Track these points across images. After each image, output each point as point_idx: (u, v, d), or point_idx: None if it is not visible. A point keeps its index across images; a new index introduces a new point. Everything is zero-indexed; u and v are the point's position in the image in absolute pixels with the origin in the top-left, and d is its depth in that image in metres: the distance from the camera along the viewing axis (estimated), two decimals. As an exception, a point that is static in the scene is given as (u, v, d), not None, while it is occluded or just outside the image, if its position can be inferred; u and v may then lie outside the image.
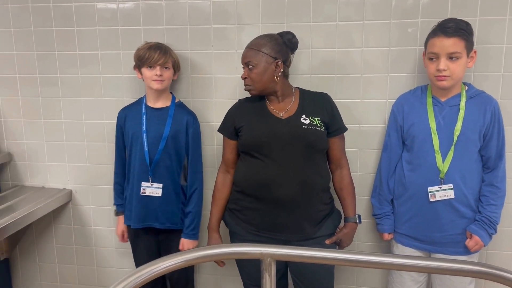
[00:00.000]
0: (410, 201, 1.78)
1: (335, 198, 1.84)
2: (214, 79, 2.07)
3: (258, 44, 1.68)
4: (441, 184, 1.70)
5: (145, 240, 2.02)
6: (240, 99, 1.86)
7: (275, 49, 1.67)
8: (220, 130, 1.84)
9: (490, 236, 1.72)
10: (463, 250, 1.73)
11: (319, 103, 1.75)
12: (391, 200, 1.87)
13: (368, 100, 1.97)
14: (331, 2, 1.91)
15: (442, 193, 1.70)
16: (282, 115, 1.71)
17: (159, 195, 1.93)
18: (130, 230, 2.04)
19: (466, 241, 1.72)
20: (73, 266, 2.41)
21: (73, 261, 2.40)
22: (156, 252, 2.05)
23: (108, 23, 2.09)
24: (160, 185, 1.93)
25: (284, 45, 1.71)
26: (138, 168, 1.94)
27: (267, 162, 1.66)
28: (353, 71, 1.96)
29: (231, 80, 2.04)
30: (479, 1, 1.81)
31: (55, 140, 2.26)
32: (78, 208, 2.32)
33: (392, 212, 1.87)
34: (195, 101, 2.10)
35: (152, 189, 1.93)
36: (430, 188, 1.71)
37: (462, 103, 1.69)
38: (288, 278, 1.90)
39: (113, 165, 2.07)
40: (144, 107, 1.97)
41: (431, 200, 1.71)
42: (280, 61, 1.67)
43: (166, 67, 1.90)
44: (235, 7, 1.98)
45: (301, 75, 1.99)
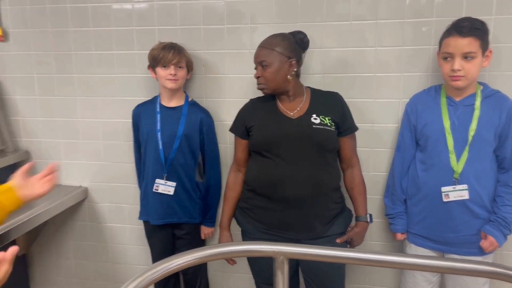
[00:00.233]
0: (424, 201, 1.77)
1: (347, 198, 1.84)
2: (227, 79, 2.08)
3: (272, 43, 1.68)
4: (455, 185, 1.68)
5: (162, 236, 2.06)
6: (251, 99, 1.86)
7: (289, 48, 1.68)
8: (232, 130, 1.86)
9: (505, 237, 1.70)
10: (477, 251, 1.72)
11: (330, 103, 1.75)
12: (404, 200, 1.86)
13: (381, 100, 1.97)
14: (344, 1, 1.91)
15: (456, 194, 1.69)
16: (293, 115, 1.71)
17: (171, 194, 1.96)
18: (147, 226, 2.08)
19: (481, 242, 1.70)
20: (89, 262, 2.45)
21: (89, 258, 2.44)
22: (173, 247, 2.10)
23: (123, 24, 2.12)
24: (174, 184, 1.96)
25: (297, 45, 1.72)
26: (153, 166, 1.97)
27: (278, 161, 1.67)
28: (366, 71, 1.95)
29: (244, 80, 2.05)
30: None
31: (71, 139, 2.30)
32: (94, 206, 2.36)
33: (405, 212, 1.86)
34: (208, 100, 2.11)
35: (165, 187, 1.96)
36: (444, 188, 1.70)
37: (477, 103, 1.67)
38: (299, 277, 1.91)
39: (128, 163, 2.11)
40: (158, 106, 2.00)
41: (445, 201, 1.70)
42: (294, 60, 1.67)
43: (180, 67, 1.92)
44: (249, 7, 1.99)
45: (314, 75, 1.99)
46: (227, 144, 2.13)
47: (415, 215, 1.81)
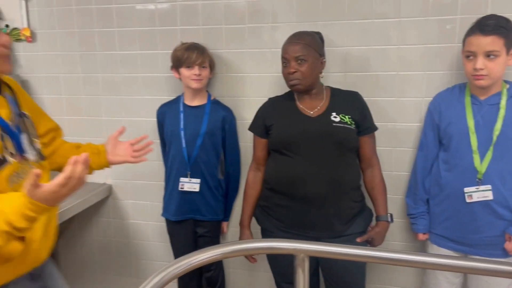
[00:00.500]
0: (446, 202, 1.75)
1: (367, 197, 1.83)
2: (248, 78, 2.10)
3: (307, 40, 1.66)
4: (479, 185, 1.66)
5: (184, 233, 2.09)
6: (270, 98, 1.87)
7: (320, 46, 1.69)
8: (251, 129, 1.87)
9: (530, 239, 1.67)
10: (501, 253, 1.69)
11: (350, 102, 1.74)
12: (427, 200, 1.84)
13: (404, 98, 1.95)
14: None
15: (480, 194, 1.66)
16: (312, 113, 1.71)
17: (197, 190, 1.99)
18: (169, 223, 2.12)
19: (505, 244, 1.67)
20: (112, 258, 2.50)
21: (113, 253, 2.49)
22: (194, 245, 2.12)
23: (146, 24, 2.15)
24: (198, 181, 1.99)
25: (322, 43, 1.72)
26: (177, 164, 2.01)
27: (297, 160, 1.67)
28: (389, 69, 1.94)
29: (265, 79, 2.06)
30: (522, -4, 1.75)
31: (96, 137, 2.33)
32: (117, 202, 2.41)
33: (427, 212, 1.84)
34: (229, 99, 2.13)
35: (190, 185, 1.99)
36: (467, 189, 1.67)
37: (503, 102, 1.64)
38: (319, 275, 1.91)
39: (151, 161, 2.13)
40: (182, 106, 2.03)
41: (468, 201, 1.67)
42: (324, 59, 1.68)
43: (204, 66, 1.95)
44: (270, 7, 2.00)
45: (336, 73, 1.98)
46: (247, 143, 2.14)
47: (438, 216, 1.79)
